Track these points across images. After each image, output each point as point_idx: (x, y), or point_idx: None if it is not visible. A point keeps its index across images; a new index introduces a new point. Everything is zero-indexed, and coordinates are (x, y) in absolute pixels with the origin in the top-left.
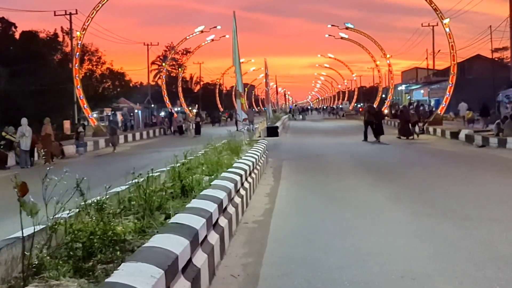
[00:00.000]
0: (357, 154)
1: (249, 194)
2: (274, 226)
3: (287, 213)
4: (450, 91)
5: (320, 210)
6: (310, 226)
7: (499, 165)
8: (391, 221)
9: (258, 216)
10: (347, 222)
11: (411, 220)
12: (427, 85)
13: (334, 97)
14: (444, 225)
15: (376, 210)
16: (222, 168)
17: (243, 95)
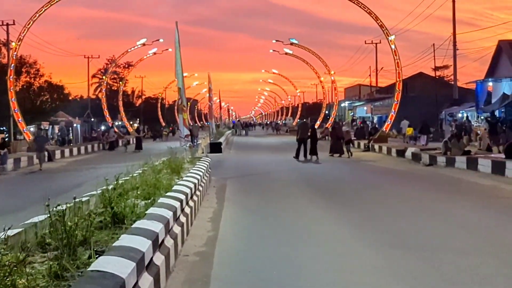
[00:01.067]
0: (303, 173)
1: (191, 220)
2: (218, 259)
3: (232, 243)
4: (395, 108)
5: (269, 239)
6: (259, 259)
7: (451, 185)
8: (349, 253)
9: (200, 246)
10: (301, 254)
11: (370, 251)
12: (370, 102)
13: (278, 113)
14: (407, 257)
15: (330, 239)
16: (160, 190)
17: (185, 109)
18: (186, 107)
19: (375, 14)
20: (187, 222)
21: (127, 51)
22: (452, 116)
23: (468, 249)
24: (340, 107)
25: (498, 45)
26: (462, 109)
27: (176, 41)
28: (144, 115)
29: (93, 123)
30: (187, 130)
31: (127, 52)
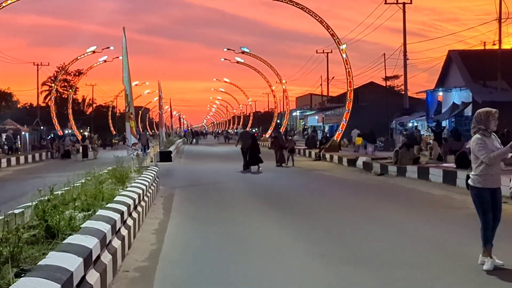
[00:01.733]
0: (253, 183)
1: (134, 232)
2: (159, 274)
3: (176, 257)
4: (347, 117)
5: (215, 251)
6: (203, 274)
7: (403, 196)
8: (297, 268)
9: (141, 260)
10: (248, 269)
11: (320, 266)
12: (322, 111)
13: (230, 122)
14: (358, 273)
15: (278, 252)
16: (101, 201)
17: (132, 117)
18: (134, 115)
19: (326, 23)
20: (129, 235)
21: (77, 59)
22: (403, 126)
23: (421, 263)
24: (292, 116)
25: (448, 55)
26: (413, 119)
27: (123, 47)
28: (95, 124)
29: (42, 131)
30: (134, 139)
31: (76, 59)
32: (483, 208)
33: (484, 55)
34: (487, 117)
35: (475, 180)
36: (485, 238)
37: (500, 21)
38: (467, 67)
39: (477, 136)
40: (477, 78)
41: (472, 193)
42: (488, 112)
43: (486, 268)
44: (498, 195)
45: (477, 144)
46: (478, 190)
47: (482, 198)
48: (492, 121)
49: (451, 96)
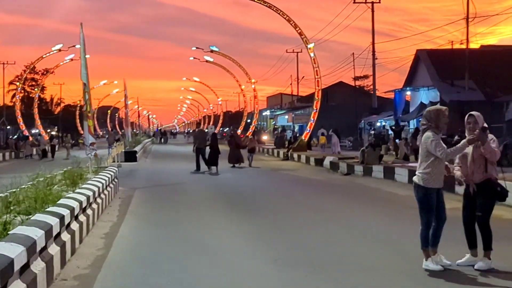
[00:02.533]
0: (218, 183)
1: (80, 237)
2: (99, 284)
3: (121, 264)
4: (315, 117)
5: (164, 257)
6: (148, 283)
7: (367, 196)
8: (249, 273)
9: (83, 267)
10: (198, 278)
11: (273, 271)
12: (291, 110)
13: (201, 121)
14: (314, 278)
15: (233, 256)
16: (45, 205)
17: (90, 116)
18: (92, 113)
19: (294, 22)
20: (72, 240)
21: (42, 57)
22: (371, 125)
23: (379, 267)
24: (262, 116)
25: (416, 54)
26: (381, 118)
27: (81, 43)
28: (63, 123)
29: (8, 131)
30: (92, 138)
31: (42, 58)
32: (430, 208)
33: (452, 54)
34: (437, 115)
35: (424, 179)
36: (425, 238)
37: (467, 20)
38: (435, 66)
39: (430, 133)
40: (445, 78)
41: (420, 192)
42: (438, 110)
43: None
44: (441, 194)
45: (432, 140)
46: (427, 190)
47: (430, 198)
48: (442, 119)
49: (419, 95)
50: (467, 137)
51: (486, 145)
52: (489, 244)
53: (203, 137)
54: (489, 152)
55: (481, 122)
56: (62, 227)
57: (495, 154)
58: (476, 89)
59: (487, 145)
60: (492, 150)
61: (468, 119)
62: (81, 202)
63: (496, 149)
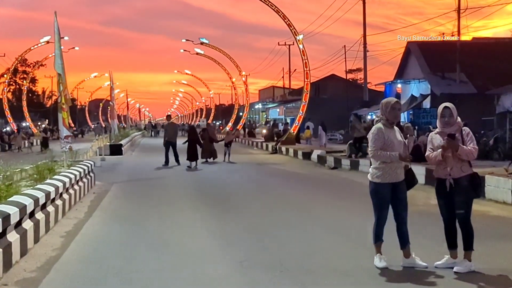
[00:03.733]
0: (200, 178)
1: (36, 236)
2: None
3: (73, 266)
4: (304, 109)
5: (122, 258)
6: None
7: (352, 191)
8: (210, 277)
9: (30, 270)
10: (151, 282)
11: (236, 273)
12: (283, 103)
13: (193, 115)
14: (279, 283)
15: (200, 258)
16: None
17: (65, 108)
18: (67, 105)
19: (283, 13)
20: (23, 240)
21: (30, 49)
22: (361, 118)
23: (353, 270)
24: (254, 109)
25: (407, 47)
26: (372, 111)
27: (55, 33)
28: (54, 116)
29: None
30: (67, 131)
31: (30, 49)
32: (379, 204)
33: (443, 46)
34: (387, 107)
35: (373, 174)
36: (376, 234)
37: (459, 11)
38: (426, 58)
39: (378, 126)
40: (436, 70)
41: (370, 187)
42: (388, 102)
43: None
44: (401, 188)
45: (372, 134)
46: (376, 185)
47: (379, 193)
48: (392, 112)
49: (409, 88)
50: (438, 129)
51: (460, 150)
52: (470, 244)
53: (174, 130)
54: (465, 155)
55: (456, 115)
56: (9, 227)
57: (472, 154)
58: (467, 82)
59: (460, 150)
60: (468, 152)
61: (442, 112)
62: (37, 198)
63: (472, 147)
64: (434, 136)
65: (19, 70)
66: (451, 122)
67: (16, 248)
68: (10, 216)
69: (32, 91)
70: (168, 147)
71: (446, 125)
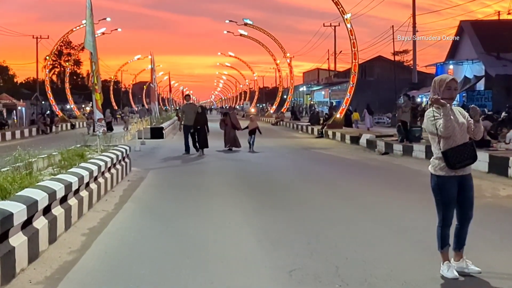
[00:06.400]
0: (243, 163)
1: (50, 235)
2: None
3: (91, 276)
4: (351, 92)
5: (152, 266)
6: None
7: (408, 180)
8: None
9: (37, 281)
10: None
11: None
12: (328, 86)
13: (237, 97)
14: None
15: (240, 267)
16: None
17: (98, 89)
18: (100, 85)
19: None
20: (33, 243)
21: (72, 30)
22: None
23: (430, 286)
24: (298, 92)
25: (459, 26)
26: (421, 93)
27: (87, 7)
28: None
29: (43, 106)
30: (100, 114)
31: (72, 31)
32: (445, 202)
33: (498, 25)
34: (441, 86)
35: (436, 165)
36: (442, 238)
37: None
38: (479, 38)
39: (431, 109)
40: (490, 50)
41: (432, 181)
42: (442, 80)
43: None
44: (470, 183)
45: (428, 118)
46: (440, 180)
47: (444, 189)
48: (447, 92)
49: (462, 69)
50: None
51: None
52: None
53: (192, 113)
54: None
55: None
56: (12, 229)
57: None
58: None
59: None
60: None
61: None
62: (53, 191)
63: None
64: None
65: (64, 53)
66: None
67: (22, 253)
68: (12, 216)
69: (77, 74)
70: (187, 132)
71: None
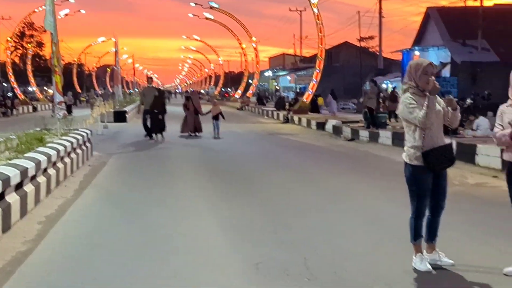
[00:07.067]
0: (207, 148)
1: (3, 224)
2: None
3: (43, 269)
4: (317, 77)
5: (108, 256)
6: None
7: (375, 167)
8: None
9: None
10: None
11: (254, 286)
12: (294, 71)
13: (202, 82)
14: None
15: (206, 259)
16: None
17: (58, 71)
18: (61, 67)
19: None
20: None
21: (34, 11)
22: (377, 86)
23: (404, 280)
24: (264, 77)
25: (426, 12)
26: (387, 79)
27: None
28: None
29: (4, 88)
30: (60, 96)
31: (34, 12)
32: (420, 192)
33: (465, 12)
34: (417, 71)
35: (412, 155)
36: (415, 229)
37: None
38: (446, 25)
39: (407, 95)
40: (456, 37)
41: (407, 171)
42: (418, 64)
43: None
44: (444, 173)
45: (405, 105)
46: (415, 170)
47: (420, 180)
48: (423, 77)
49: (428, 55)
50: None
51: None
52: None
53: (152, 96)
54: None
55: None
56: None
57: None
58: (489, 50)
59: None
60: None
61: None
62: (7, 177)
63: None
64: (505, 109)
65: (26, 34)
66: None
67: None
68: None
69: (39, 56)
70: (146, 117)
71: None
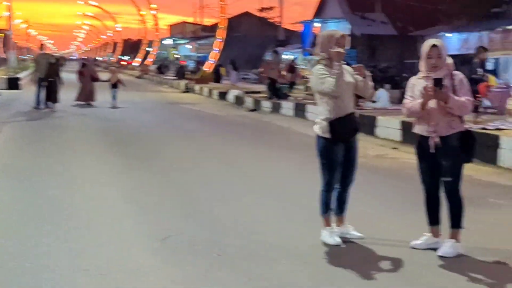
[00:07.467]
0: (107, 118)
1: None
2: None
3: None
4: (221, 46)
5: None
6: None
7: (279, 138)
8: (125, 266)
9: None
10: None
11: (161, 258)
12: (195, 40)
13: (99, 49)
14: (218, 274)
15: (109, 236)
16: None
17: None
18: None
19: None
20: None
21: None
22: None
23: (313, 254)
24: (164, 45)
25: None
26: (287, 50)
27: None
28: None
29: None
30: None
31: None
32: (332, 165)
33: None
34: (330, 42)
35: (324, 127)
36: (325, 203)
37: None
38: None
39: (318, 66)
40: (355, 10)
41: (320, 143)
42: (331, 35)
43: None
44: (356, 145)
45: (317, 76)
46: (327, 142)
47: (332, 153)
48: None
49: (328, 28)
50: (422, 73)
51: (450, 102)
52: (459, 220)
53: (46, 64)
54: (458, 107)
55: (445, 55)
56: None
57: (466, 107)
58: (387, 23)
59: (452, 101)
60: (461, 104)
61: (429, 51)
62: None
63: (466, 99)
64: (416, 81)
65: None
66: (439, 65)
67: None
68: None
69: None
70: (39, 85)
71: (433, 69)
